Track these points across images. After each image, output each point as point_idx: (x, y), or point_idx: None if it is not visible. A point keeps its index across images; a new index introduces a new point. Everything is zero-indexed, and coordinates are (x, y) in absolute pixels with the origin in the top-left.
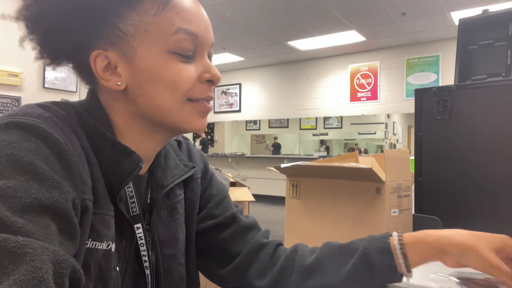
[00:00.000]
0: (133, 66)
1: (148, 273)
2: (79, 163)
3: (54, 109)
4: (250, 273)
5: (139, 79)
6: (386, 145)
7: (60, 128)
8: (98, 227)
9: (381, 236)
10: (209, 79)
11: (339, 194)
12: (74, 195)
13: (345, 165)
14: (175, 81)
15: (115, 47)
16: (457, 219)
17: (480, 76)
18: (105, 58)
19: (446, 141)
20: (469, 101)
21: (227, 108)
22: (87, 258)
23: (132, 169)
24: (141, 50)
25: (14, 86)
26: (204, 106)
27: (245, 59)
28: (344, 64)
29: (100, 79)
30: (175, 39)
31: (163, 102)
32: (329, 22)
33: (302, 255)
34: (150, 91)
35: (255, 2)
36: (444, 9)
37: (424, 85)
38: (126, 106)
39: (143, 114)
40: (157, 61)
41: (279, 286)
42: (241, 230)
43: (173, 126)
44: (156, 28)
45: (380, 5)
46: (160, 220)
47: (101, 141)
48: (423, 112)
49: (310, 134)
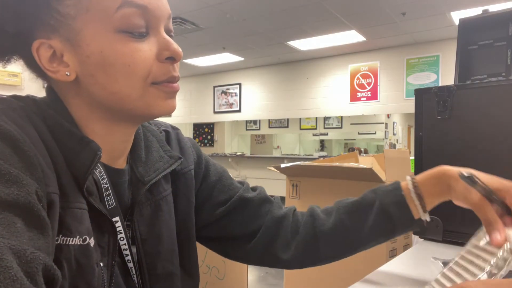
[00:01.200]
0: (80, 52)
1: (132, 266)
2: (38, 155)
3: (9, 100)
4: (273, 248)
5: (88, 66)
6: (386, 145)
7: (13, 120)
8: (68, 222)
9: (393, 188)
10: (168, 56)
11: (339, 194)
12: (36, 187)
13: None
14: (129, 65)
15: (57, 33)
16: (457, 219)
17: (480, 76)
18: (49, 48)
19: (446, 141)
20: (469, 101)
21: (227, 108)
22: (58, 255)
23: (92, 158)
24: (85, 33)
25: (14, 86)
26: (170, 87)
27: (245, 59)
28: (344, 64)
29: (47, 71)
30: (121, 15)
31: (119, 89)
32: (329, 22)
33: (320, 219)
34: (103, 78)
35: (255, 2)
36: (444, 9)
37: (424, 85)
38: (80, 97)
39: (100, 104)
40: (104, 43)
41: (305, 254)
42: (254, 208)
43: (135, 113)
44: (98, 5)
45: (380, 5)
46: (143, 218)
47: (60, 132)
48: (423, 112)
49: (310, 134)
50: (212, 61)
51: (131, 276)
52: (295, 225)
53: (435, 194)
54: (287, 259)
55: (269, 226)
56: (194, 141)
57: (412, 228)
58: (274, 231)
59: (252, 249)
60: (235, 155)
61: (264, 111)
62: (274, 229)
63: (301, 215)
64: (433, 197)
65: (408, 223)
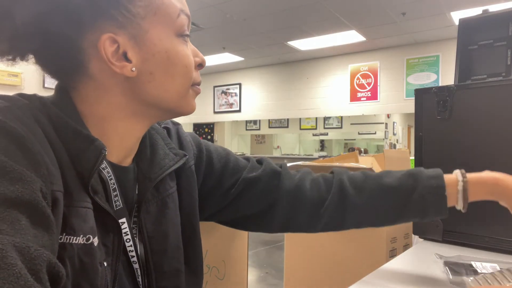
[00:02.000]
0: (145, 51)
1: (137, 267)
2: (43, 152)
3: (15, 98)
4: (295, 218)
5: (151, 64)
6: (386, 145)
7: (18, 117)
8: (72, 220)
9: (437, 184)
10: (199, 63)
11: None
12: (41, 184)
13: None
14: (187, 66)
15: (124, 30)
16: (457, 219)
17: (480, 76)
18: (113, 43)
19: (446, 141)
20: (469, 101)
21: (227, 108)
22: (61, 254)
23: (96, 156)
24: (152, 33)
25: (14, 86)
26: (198, 90)
27: (245, 59)
28: (344, 64)
29: (112, 65)
30: (180, 22)
31: (174, 88)
32: (329, 22)
33: (350, 197)
34: (162, 76)
35: (255, 2)
36: (444, 9)
37: (424, 85)
38: (122, 95)
39: (142, 101)
40: (169, 45)
41: (330, 225)
42: (261, 186)
43: (175, 110)
44: (164, 10)
45: (380, 5)
46: (150, 215)
47: (65, 130)
48: (423, 112)
49: (310, 134)
50: (212, 61)
51: (136, 277)
52: (318, 196)
53: (480, 197)
54: (310, 227)
55: (284, 201)
56: (194, 134)
57: (443, 217)
58: (290, 206)
59: (273, 221)
60: None
61: (264, 111)
62: (291, 203)
63: (325, 185)
64: (477, 198)
65: (442, 215)
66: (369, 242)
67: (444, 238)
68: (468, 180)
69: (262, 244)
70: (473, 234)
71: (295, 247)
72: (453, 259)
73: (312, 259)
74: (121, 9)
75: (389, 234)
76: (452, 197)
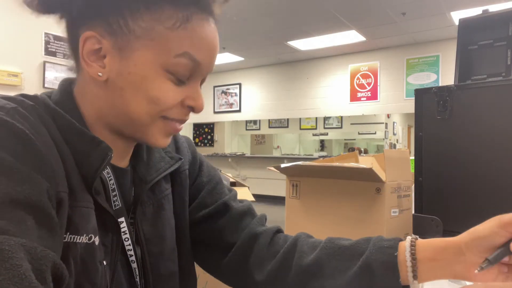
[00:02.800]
0: (123, 65)
1: (135, 266)
2: (49, 153)
3: (19, 99)
4: (248, 266)
5: (124, 80)
6: (386, 145)
7: (25, 118)
8: (75, 220)
9: (388, 246)
10: (191, 106)
11: (339, 194)
12: (47, 186)
13: (345, 165)
14: (158, 99)
15: (113, 37)
16: (457, 219)
17: (480, 76)
18: (97, 43)
19: (446, 141)
20: (469, 101)
21: (227, 108)
22: (65, 253)
23: (102, 159)
24: (139, 55)
25: (14, 86)
26: (174, 127)
27: (245, 59)
28: (344, 64)
29: (82, 61)
30: (176, 61)
31: (137, 111)
32: (329, 22)
33: (301, 251)
34: (130, 95)
35: (255, 2)
36: (444, 9)
37: (424, 85)
38: (99, 100)
39: (111, 115)
40: (149, 72)
41: (277, 282)
42: (234, 218)
43: (136, 136)
44: (163, 42)
45: (380, 5)
46: (146, 217)
47: (70, 132)
48: (423, 112)
49: (310, 134)
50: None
51: (134, 276)
52: (273, 249)
53: (432, 264)
54: (259, 281)
55: (244, 241)
56: (191, 140)
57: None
58: (248, 247)
59: (226, 264)
60: (235, 155)
61: (264, 111)
62: (249, 244)
63: (284, 240)
64: (430, 263)
65: (389, 285)
66: None
67: None
68: (418, 240)
69: None
70: None
71: None
72: None
73: None
74: (120, 19)
75: (389, 234)
76: (402, 264)
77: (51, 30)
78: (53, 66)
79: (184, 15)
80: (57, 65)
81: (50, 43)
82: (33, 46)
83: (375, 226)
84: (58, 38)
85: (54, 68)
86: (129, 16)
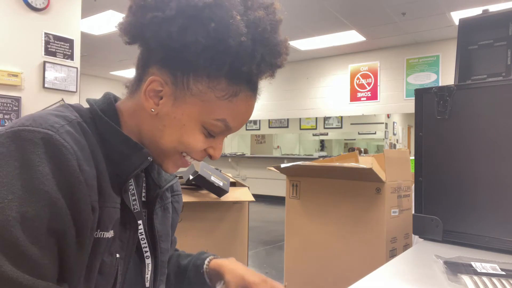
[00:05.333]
0: (172, 110)
1: (149, 262)
2: (88, 171)
3: (64, 115)
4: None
5: (168, 120)
6: (386, 145)
7: (72, 137)
8: (105, 219)
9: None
10: (210, 154)
11: (339, 194)
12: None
13: (345, 165)
14: (189, 144)
15: (174, 87)
16: (457, 219)
17: (480, 76)
18: (161, 86)
19: (446, 141)
20: (469, 101)
21: None
22: (97, 248)
23: (142, 161)
24: (187, 107)
25: (14, 86)
26: (186, 163)
27: None
28: (344, 64)
29: (142, 93)
30: (214, 123)
31: (167, 144)
32: (329, 22)
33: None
34: (168, 132)
35: None
36: (444, 9)
37: (424, 85)
38: (145, 122)
39: (146, 136)
40: (189, 123)
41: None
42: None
43: (156, 158)
44: (209, 106)
45: (380, 5)
46: (157, 217)
47: (111, 137)
48: (423, 112)
49: (310, 134)
50: None
51: (146, 272)
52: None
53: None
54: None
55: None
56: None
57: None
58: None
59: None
60: (235, 155)
61: (264, 111)
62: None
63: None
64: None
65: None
66: (369, 242)
67: (444, 238)
68: (213, 261)
69: (262, 244)
70: (473, 234)
71: (295, 247)
72: (453, 260)
73: (312, 259)
74: (185, 77)
75: (389, 234)
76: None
77: (51, 30)
78: (53, 66)
79: (233, 91)
80: (57, 65)
81: (50, 43)
82: (33, 46)
83: (375, 226)
84: (58, 38)
85: (54, 68)
86: (192, 77)
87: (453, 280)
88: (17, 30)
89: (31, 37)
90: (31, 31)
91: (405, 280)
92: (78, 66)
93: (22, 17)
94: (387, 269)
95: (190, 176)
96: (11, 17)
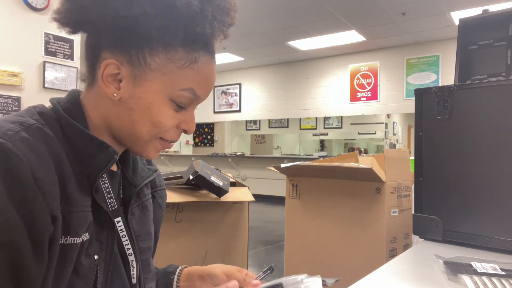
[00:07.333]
0: (135, 91)
1: (133, 259)
2: (45, 179)
3: (23, 120)
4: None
5: (134, 102)
6: (386, 145)
7: (28, 144)
8: (74, 225)
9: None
10: (185, 129)
11: (339, 194)
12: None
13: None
14: (160, 123)
15: (130, 66)
16: (457, 219)
17: (480, 76)
18: (117, 69)
19: (446, 141)
20: (469, 101)
21: (227, 108)
22: (68, 254)
23: (108, 161)
24: (149, 84)
25: (14, 86)
26: (167, 145)
27: (245, 59)
28: (344, 64)
29: (100, 81)
30: (180, 94)
31: (140, 130)
32: (329, 22)
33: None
34: (136, 117)
35: (255, 2)
36: (444, 9)
37: (424, 85)
38: (109, 113)
39: (116, 127)
40: (156, 100)
41: None
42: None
43: (133, 148)
44: (172, 77)
45: (380, 5)
46: (134, 217)
47: (76, 137)
48: (423, 112)
49: (310, 134)
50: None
51: (131, 269)
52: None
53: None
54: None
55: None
56: None
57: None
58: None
59: None
60: (235, 155)
61: (264, 111)
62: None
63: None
64: (186, 283)
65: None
66: (369, 242)
67: (444, 238)
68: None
69: (262, 244)
70: (473, 234)
71: (295, 247)
72: (453, 260)
73: (312, 259)
74: (140, 54)
75: (389, 234)
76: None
77: (51, 30)
78: (53, 66)
79: (192, 57)
80: (57, 65)
81: (50, 43)
82: (33, 46)
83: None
84: (58, 38)
85: (54, 68)
86: (147, 52)
87: (453, 280)
88: (17, 30)
89: (31, 37)
90: (31, 31)
91: (405, 280)
92: (78, 66)
93: (22, 17)
94: (387, 269)
95: (190, 176)
96: (11, 17)
